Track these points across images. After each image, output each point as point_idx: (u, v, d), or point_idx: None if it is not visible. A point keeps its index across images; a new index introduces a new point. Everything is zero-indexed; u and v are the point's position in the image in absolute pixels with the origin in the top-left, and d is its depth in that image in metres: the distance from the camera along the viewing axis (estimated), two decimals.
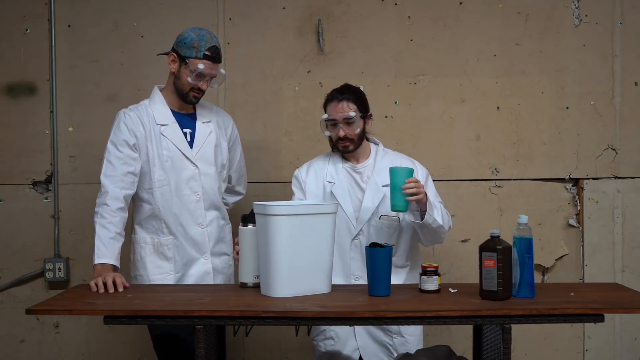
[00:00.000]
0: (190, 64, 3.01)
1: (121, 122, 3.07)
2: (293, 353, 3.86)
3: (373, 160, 3.12)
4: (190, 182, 3.09)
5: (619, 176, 3.83)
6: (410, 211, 2.92)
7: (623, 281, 3.78)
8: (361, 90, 3.13)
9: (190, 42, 3.01)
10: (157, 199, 3.06)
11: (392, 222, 3.03)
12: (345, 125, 3.03)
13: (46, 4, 3.82)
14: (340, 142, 3.06)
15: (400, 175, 2.82)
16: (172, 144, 3.07)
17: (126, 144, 3.03)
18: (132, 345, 3.86)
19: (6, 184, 3.86)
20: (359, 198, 3.07)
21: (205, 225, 3.11)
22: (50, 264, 3.81)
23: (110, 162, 3.01)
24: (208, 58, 3.02)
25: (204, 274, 3.12)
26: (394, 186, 2.82)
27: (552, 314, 2.43)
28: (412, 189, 2.80)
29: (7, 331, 3.88)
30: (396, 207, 2.83)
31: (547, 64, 3.81)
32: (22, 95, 3.85)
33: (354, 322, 2.62)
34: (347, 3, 3.81)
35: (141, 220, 3.11)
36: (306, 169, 3.20)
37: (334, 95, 3.08)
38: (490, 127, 3.83)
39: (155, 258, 3.08)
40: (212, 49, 3.03)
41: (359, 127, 3.04)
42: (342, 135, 3.03)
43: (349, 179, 3.11)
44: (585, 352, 3.85)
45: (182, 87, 3.05)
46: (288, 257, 2.60)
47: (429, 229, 2.96)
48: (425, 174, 3.13)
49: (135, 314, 2.47)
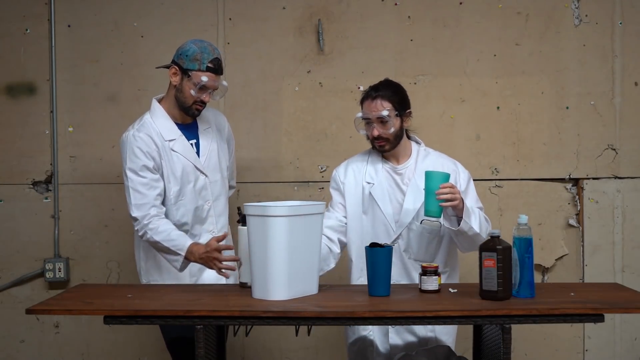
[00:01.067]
0: (194, 77, 2.96)
1: (134, 147, 2.98)
2: (293, 353, 3.86)
3: (414, 161, 3.01)
4: (202, 192, 3.08)
5: (619, 176, 3.83)
6: (445, 217, 2.83)
7: (623, 281, 3.78)
8: (400, 86, 3.01)
9: (193, 55, 2.97)
10: (173, 212, 3.03)
11: (433, 226, 2.93)
12: (379, 124, 2.92)
13: (46, 4, 3.82)
14: (375, 142, 2.95)
15: (436, 180, 2.74)
16: (184, 157, 3.04)
17: (146, 168, 2.97)
18: (132, 345, 3.86)
19: (6, 184, 3.86)
20: (399, 200, 2.97)
21: (216, 232, 3.10)
22: (50, 264, 3.81)
23: (137, 191, 2.96)
24: (211, 70, 2.98)
25: (218, 278, 3.09)
26: (428, 191, 2.75)
27: (552, 314, 2.43)
28: (447, 194, 2.72)
29: (7, 331, 3.88)
30: (430, 212, 2.76)
31: (547, 64, 3.81)
32: (22, 95, 3.85)
33: (354, 322, 2.62)
34: (347, 3, 3.81)
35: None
36: (344, 169, 3.07)
37: (368, 92, 2.96)
38: (490, 127, 3.83)
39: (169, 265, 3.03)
40: (215, 61, 2.99)
41: (393, 126, 2.92)
42: (375, 134, 2.92)
43: (389, 180, 3.00)
44: (585, 352, 3.85)
45: (185, 101, 3.01)
46: (287, 259, 2.57)
47: (465, 236, 2.85)
48: (467, 178, 3.02)
49: (135, 314, 2.46)
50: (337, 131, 3.80)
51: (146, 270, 3.11)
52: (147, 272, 3.11)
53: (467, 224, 2.80)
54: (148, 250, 3.08)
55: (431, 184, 2.74)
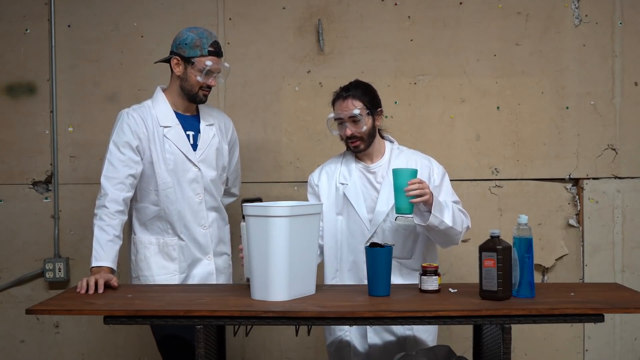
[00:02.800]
0: (198, 63, 3.00)
1: (124, 123, 3.04)
2: (293, 353, 3.86)
3: (388, 159, 3.03)
4: (192, 184, 3.09)
5: (619, 176, 3.83)
6: (417, 212, 2.83)
7: (623, 281, 3.78)
8: (370, 86, 3.04)
9: (192, 42, 3.01)
10: (162, 200, 3.05)
11: (408, 222, 2.94)
12: (351, 123, 2.95)
13: (46, 4, 3.82)
14: (349, 142, 2.98)
15: (403, 177, 2.74)
16: (176, 146, 3.06)
17: (129, 146, 3.01)
18: (132, 345, 3.86)
19: (6, 184, 3.86)
20: (373, 199, 2.99)
21: (208, 227, 3.12)
22: (50, 264, 3.81)
23: (112, 164, 3.00)
24: (213, 54, 3.02)
25: (208, 274, 3.12)
26: (397, 188, 2.75)
27: (552, 314, 2.43)
28: (416, 190, 2.73)
29: (7, 331, 3.88)
30: (401, 209, 2.76)
31: (547, 64, 3.81)
32: (22, 95, 3.85)
33: (354, 322, 2.61)
34: (347, 3, 3.81)
35: (146, 222, 3.10)
36: (318, 173, 3.12)
37: (339, 93, 3.00)
38: (490, 127, 3.83)
39: (160, 259, 3.08)
40: (215, 44, 3.04)
41: (366, 124, 2.94)
42: (348, 134, 2.95)
43: (363, 179, 3.02)
44: (585, 352, 3.85)
45: (191, 88, 3.04)
46: (287, 259, 2.57)
47: (437, 231, 2.86)
48: (441, 173, 3.03)
49: (135, 314, 2.47)
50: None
51: (136, 264, 3.12)
52: (136, 267, 3.11)
53: (438, 218, 2.81)
54: (140, 245, 3.10)
55: (399, 181, 2.75)
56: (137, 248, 3.11)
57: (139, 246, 3.10)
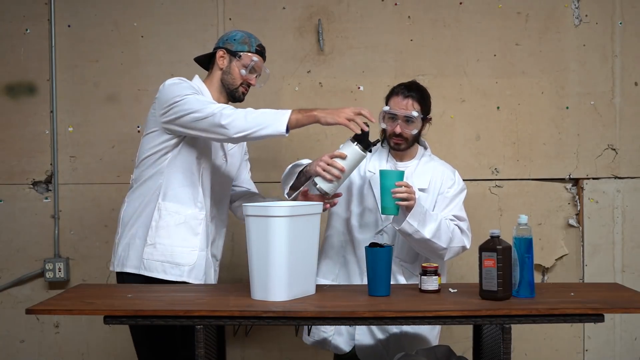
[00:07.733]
0: (244, 58, 3.04)
1: (190, 84, 2.96)
2: (293, 353, 3.86)
3: (416, 164, 3.04)
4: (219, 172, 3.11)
5: (619, 176, 3.83)
6: (401, 215, 2.82)
7: (623, 281, 3.78)
8: (427, 91, 3.05)
9: (241, 39, 3.06)
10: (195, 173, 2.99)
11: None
12: (404, 122, 2.95)
13: (46, 4, 3.82)
14: (393, 138, 2.98)
15: (391, 178, 2.76)
16: None
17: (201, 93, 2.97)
18: (132, 345, 3.85)
19: (6, 184, 3.86)
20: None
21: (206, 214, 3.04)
22: (50, 264, 3.81)
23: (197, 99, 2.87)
24: (259, 53, 3.09)
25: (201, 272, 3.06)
26: (383, 189, 2.77)
27: (552, 314, 2.43)
28: (403, 193, 2.74)
29: (7, 331, 3.88)
30: (386, 210, 2.78)
31: (547, 64, 3.81)
32: (22, 95, 3.85)
33: (354, 322, 2.62)
34: (347, 3, 3.81)
35: (177, 188, 2.98)
36: None
37: (400, 90, 2.99)
38: (490, 127, 3.83)
39: (183, 230, 2.98)
40: (261, 46, 3.11)
41: (417, 128, 2.96)
42: (398, 131, 2.94)
43: None
44: (585, 352, 3.85)
45: (233, 82, 3.05)
46: (288, 259, 2.56)
47: (412, 239, 2.85)
48: (460, 188, 3.03)
49: (135, 314, 2.46)
50: (337, 131, 3.79)
51: (155, 230, 2.97)
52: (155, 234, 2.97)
53: (412, 227, 2.79)
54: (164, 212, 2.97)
55: (387, 182, 2.76)
56: (161, 214, 2.97)
57: (163, 212, 2.97)
